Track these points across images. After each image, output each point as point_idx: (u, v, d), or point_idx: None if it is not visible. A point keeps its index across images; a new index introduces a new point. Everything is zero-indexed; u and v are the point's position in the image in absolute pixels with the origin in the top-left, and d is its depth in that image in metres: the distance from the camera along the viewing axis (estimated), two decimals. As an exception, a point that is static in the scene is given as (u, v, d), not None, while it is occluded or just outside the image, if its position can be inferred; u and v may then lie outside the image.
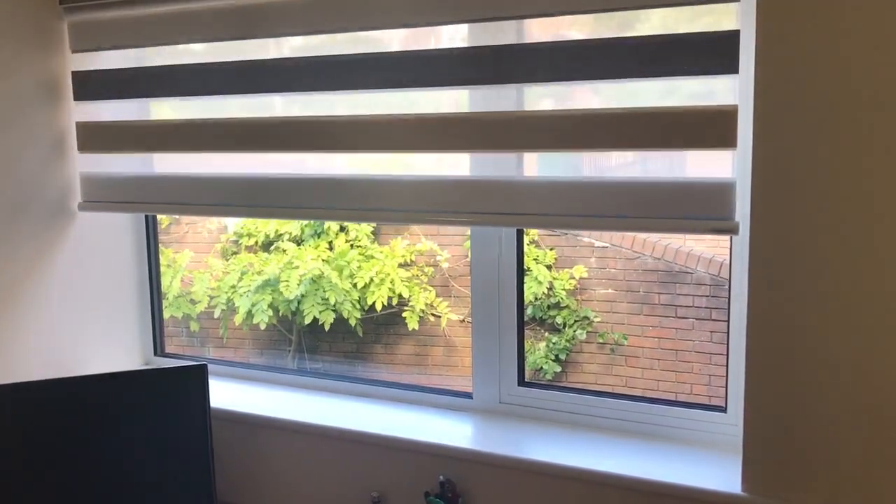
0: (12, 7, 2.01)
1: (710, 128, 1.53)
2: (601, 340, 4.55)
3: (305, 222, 4.64)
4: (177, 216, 4.95)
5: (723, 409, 1.76)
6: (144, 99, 2.09)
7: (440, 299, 4.60)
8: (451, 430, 1.91)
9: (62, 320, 2.17)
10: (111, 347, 2.32)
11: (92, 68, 2.12)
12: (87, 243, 2.23)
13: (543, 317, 4.58)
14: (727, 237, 1.70)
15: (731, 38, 1.49)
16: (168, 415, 1.89)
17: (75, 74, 2.14)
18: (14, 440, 1.81)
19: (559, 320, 4.55)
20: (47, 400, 1.83)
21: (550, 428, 1.88)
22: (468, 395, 2.01)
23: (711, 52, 1.50)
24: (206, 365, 1.91)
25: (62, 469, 1.83)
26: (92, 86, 2.13)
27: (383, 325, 4.72)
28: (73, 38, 2.12)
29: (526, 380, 1.98)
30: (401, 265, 4.55)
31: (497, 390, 1.97)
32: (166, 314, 2.50)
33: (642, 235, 4.69)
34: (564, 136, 1.64)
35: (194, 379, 1.89)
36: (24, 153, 2.06)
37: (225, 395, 2.12)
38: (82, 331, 2.23)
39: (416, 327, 4.54)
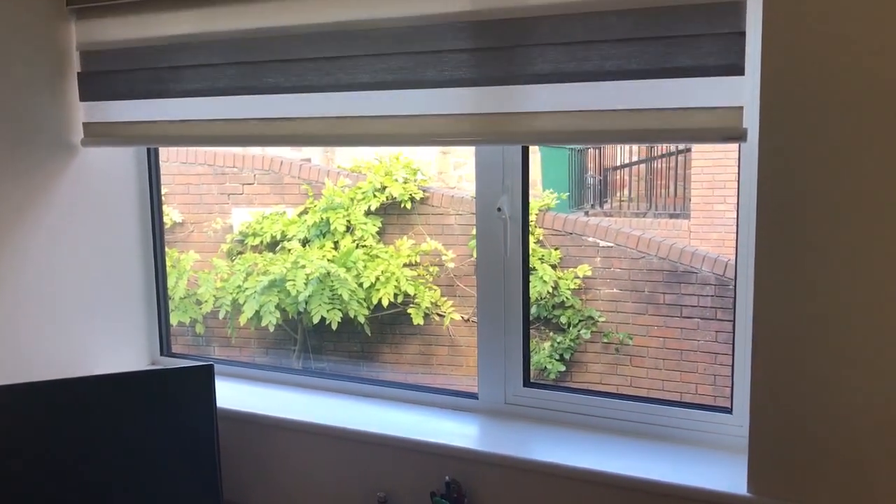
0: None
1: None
2: (606, 340, 4.56)
3: (311, 222, 4.66)
4: (180, 217, 4.97)
5: (728, 410, 1.76)
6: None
7: (444, 298, 4.61)
8: (457, 431, 1.91)
9: (69, 322, 2.18)
10: (118, 348, 2.33)
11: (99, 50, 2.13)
12: (92, 243, 2.24)
13: (548, 316, 4.59)
14: (734, 235, 1.71)
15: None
16: (175, 415, 1.90)
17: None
18: (22, 441, 1.82)
19: (563, 320, 4.56)
20: (54, 400, 1.84)
21: (556, 428, 1.88)
22: (474, 396, 2.01)
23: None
24: (212, 365, 1.91)
25: (69, 469, 1.84)
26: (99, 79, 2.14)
27: (388, 324, 4.73)
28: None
29: (531, 380, 1.98)
30: (405, 265, 4.57)
31: (503, 391, 1.97)
32: (172, 319, 2.51)
33: (647, 235, 4.69)
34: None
35: (201, 379, 1.90)
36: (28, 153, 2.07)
37: (231, 394, 2.12)
38: (89, 332, 2.24)
39: (422, 322, 4.55)
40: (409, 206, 4.67)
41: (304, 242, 4.70)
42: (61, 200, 2.15)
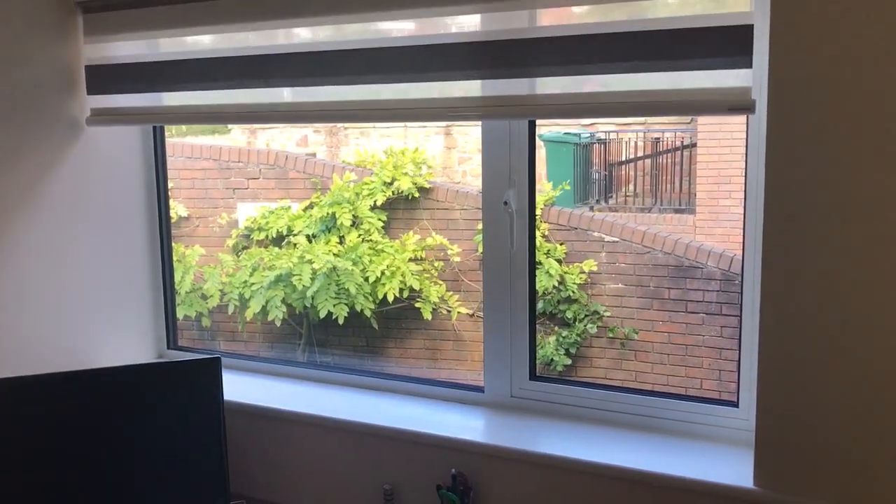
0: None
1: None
2: (611, 335, 4.56)
3: (318, 216, 4.67)
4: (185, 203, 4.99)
5: (734, 404, 1.76)
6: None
7: (450, 293, 4.62)
8: (463, 424, 1.91)
9: (76, 314, 2.19)
10: (125, 341, 2.33)
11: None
12: (99, 235, 2.24)
13: (553, 311, 4.59)
14: (739, 230, 1.71)
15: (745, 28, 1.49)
16: (182, 407, 1.90)
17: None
18: (28, 433, 1.82)
19: (569, 315, 4.56)
20: (60, 393, 1.84)
21: (562, 422, 1.88)
22: (480, 389, 2.02)
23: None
24: (219, 358, 1.92)
25: (76, 462, 1.84)
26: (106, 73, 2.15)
27: (394, 318, 4.74)
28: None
29: (537, 373, 1.99)
30: (410, 259, 4.58)
31: (508, 384, 1.97)
32: (179, 313, 2.51)
33: (653, 230, 4.69)
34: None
35: (208, 372, 1.90)
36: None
37: (238, 388, 2.13)
38: (95, 324, 2.24)
39: (430, 317, 4.56)
40: (416, 194, 4.67)
41: (310, 238, 4.71)
42: (67, 191, 2.15)
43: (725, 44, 1.50)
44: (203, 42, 2.02)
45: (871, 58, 1.34)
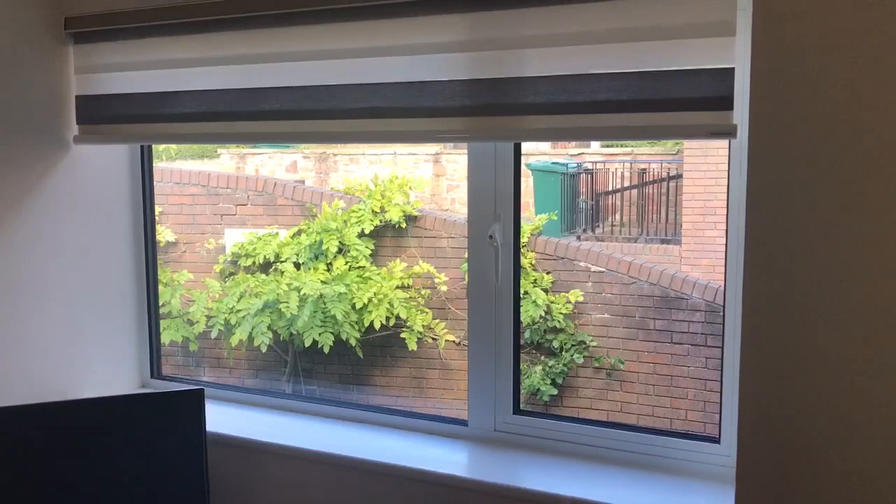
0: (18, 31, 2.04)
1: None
2: (597, 365, 4.56)
3: (307, 243, 4.67)
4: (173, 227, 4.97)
5: (716, 440, 1.77)
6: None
7: (437, 321, 4.62)
8: (447, 458, 1.91)
9: (57, 341, 2.17)
10: (108, 369, 2.32)
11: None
12: (85, 263, 2.24)
13: (541, 340, 4.60)
14: (723, 261, 1.72)
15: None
16: (164, 439, 1.89)
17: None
18: (6, 465, 1.80)
19: (556, 344, 4.57)
20: (43, 424, 1.83)
21: (545, 456, 1.88)
22: (463, 423, 2.01)
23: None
24: (202, 390, 1.91)
25: (56, 495, 1.82)
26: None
27: (380, 346, 4.73)
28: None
29: (521, 405, 1.99)
30: (397, 287, 4.58)
31: (492, 418, 1.97)
32: (165, 337, 2.50)
33: (638, 261, 4.71)
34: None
35: (191, 403, 1.90)
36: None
37: (221, 418, 2.12)
38: (78, 352, 2.23)
39: (415, 348, 4.55)
40: (403, 224, 4.69)
41: (298, 266, 4.70)
42: (52, 214, 2.14)
43: (708, 88, 1.53)
44: (194, 74, 2.03)
45: (853, 82, 1.35)
